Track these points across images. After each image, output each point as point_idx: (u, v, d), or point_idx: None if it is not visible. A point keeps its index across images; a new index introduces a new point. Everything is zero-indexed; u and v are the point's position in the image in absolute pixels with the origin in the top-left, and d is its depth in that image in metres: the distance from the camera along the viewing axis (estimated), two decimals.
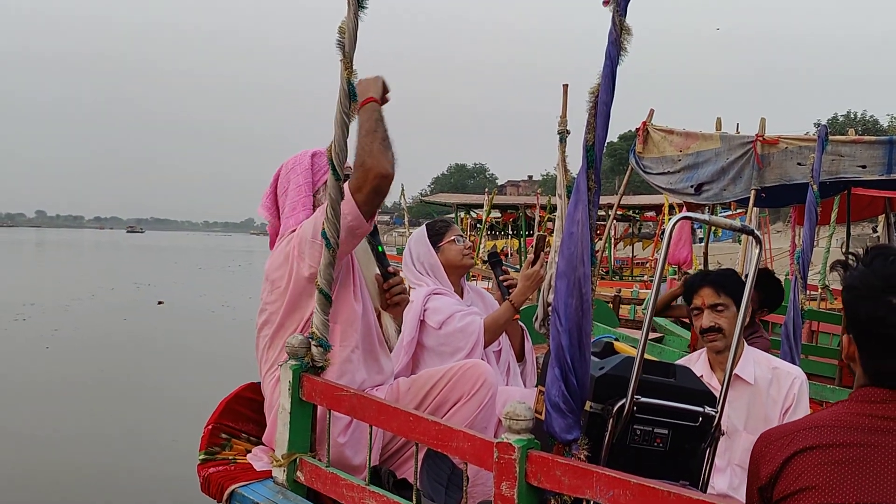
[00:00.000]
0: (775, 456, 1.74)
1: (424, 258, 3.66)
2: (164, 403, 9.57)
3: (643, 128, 7.35)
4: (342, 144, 2.43)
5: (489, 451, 1.85)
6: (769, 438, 1.81)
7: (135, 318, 17.67)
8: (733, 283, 3.16)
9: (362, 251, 2.92)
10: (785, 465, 1.71)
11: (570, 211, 1.99)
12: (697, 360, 3.32)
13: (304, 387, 2.48)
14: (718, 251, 25.76)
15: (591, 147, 1.97)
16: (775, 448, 1.76)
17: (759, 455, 1.80)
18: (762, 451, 1.80)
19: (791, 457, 1.71)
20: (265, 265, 2.87)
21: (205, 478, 2.72)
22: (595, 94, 1.96)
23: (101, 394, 10.20)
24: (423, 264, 3.65)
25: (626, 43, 1.92)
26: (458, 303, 3.57)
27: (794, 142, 6.48)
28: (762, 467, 1.77)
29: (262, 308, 2.87)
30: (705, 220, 2.27)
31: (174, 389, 10.31)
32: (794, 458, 1.70)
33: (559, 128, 4.36)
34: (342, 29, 2.34)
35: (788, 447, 1.73)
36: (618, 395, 2.06)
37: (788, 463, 1.71)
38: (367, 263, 2.96)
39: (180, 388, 10.35)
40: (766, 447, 1.79)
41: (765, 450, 1.79)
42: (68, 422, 8.69)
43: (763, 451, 1.79)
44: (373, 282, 2.99)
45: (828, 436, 1.69)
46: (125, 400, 9.83)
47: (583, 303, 1.94)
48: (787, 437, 1.75)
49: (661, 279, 2.15)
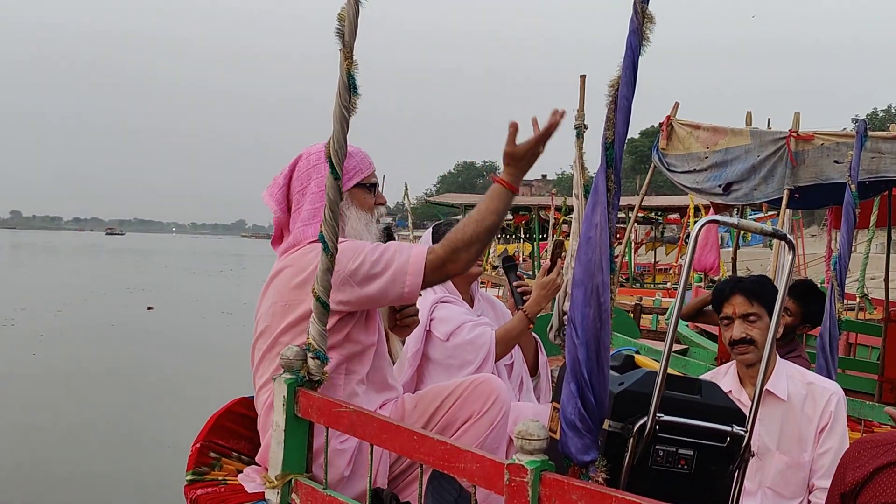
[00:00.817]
0: (866, 463, 1.74)
1: None
2: (159, 409, 9.97)
3: (667, 122, 7.31)
4: (341, 141, 2.42)
5: (499, 473, 1.85)
6: (864, 444, 1.81)
7: (133, 324, 18.44)
8: (768, 292, 3.14)
9: None
10: (874, 475, 1.71)
11: (588, 213, 1.99)
12: (725, 374, 3.31)
13: (299, 402, 2.47)
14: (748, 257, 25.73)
15: (611, 145, 1.97)
16: (868, 456, 1.75)
17: (850, 459, 1.80)
18: (854, 456, 1.80)
19: (883, 468, 1.70)
20: (275, 271, 2.84)
21: (192, 500, 2.71)
22: (615, 88, 1.96)
23: (93, 394, 10.98)
24: None
25: (648, 32, 1.92)
26: (467, 312, 3.57)
27: (830, 138, 6.44)
28: (849, 472, 1.77)
29: (259, 316, 2.86)
30: (734, 224, 2.26)
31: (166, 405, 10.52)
32: (885, 470, 1.70)
33: (576, 122, 4.37)
34: (342, 16, 2.34)
35: (882, 457, 1.72)
36: (639, 413, 2.06)
37: (879, 473, 1.71)
38: None
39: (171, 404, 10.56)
40: (859, 453, 1.79)
41: (857, 455, 1.79)
42: (63, 411, 9.48)
43: (854, 457, 1.79)
44: None
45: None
46: (125, 394, 10.73)
47: (601, 313, 1.94)
48: (883, 446, 1.75)
49: (685, 287, 2.14)
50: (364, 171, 2.91)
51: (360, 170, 2.90)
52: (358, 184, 2.89)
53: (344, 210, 2.82)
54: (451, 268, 2.68)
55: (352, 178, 2.86)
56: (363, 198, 2.91)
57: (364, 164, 2.92)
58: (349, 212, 2.86)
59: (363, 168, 2.91)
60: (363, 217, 2.89)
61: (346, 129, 2.42)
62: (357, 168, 2.88)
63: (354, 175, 2.88)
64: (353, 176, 2.87)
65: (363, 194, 2.91)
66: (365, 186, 2.92)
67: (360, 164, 2.90)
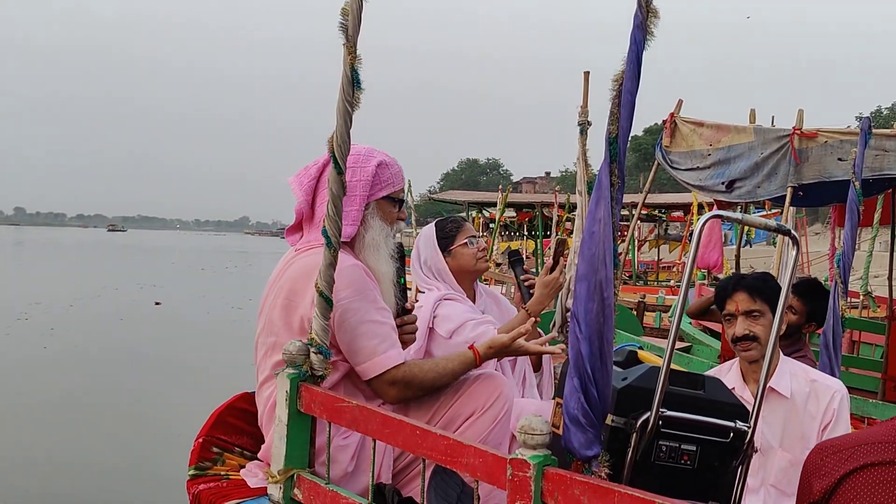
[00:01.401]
0: (832, 470, 1.72)
1: (432, 262, 3.63)
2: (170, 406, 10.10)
3: (670, 120, 7.31)
4: (344, 136, 2.42)
5: (502, 468, 1.85)
6: (826, 451, 1.78)
7: (150, 319, 19.08)
8: (771, 288, 3.14)
9: (389, 280, 2.89)
10: (842, 481, 1.69)
11: (592, 208, 1.99)
12: (729, 371, 3.31)
13: (302, 397, 2.47)
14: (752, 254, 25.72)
15: (615, 139, 1.96)
16: (832, 462, 1.73)
17: (814, 468, 1.78)
18: (817, 463, 1.78)
19: (850, 473, 1.68)
20: (284, 265, 2.85)
21: (195, 495, 2.72)
22: (619, 83, 1.95)
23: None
24: (431, 269, 3.62)
25: (652, 27, 1.92)
26: (470, 310, 3.56)
27: (834, 135, 6.44)
28: (815, 481, 1.75)
29: (264, 311, 2.86)
30: (737, 220, 2.25)
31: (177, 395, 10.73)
32: (853, 476, 1.68)
33: (579, 119, 4.36)
34: (345, 10, 2.34)
35: (847, 462, 1.70)
36: (642, 409, 2.05)
37: (846, 480, 1.69)
38: (387, 290, 2.90)
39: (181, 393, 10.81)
40: (822, 460, 1.77)
41: (820, 462, 1.77)
42: (68, 402, 9.82)
43: (818, 464, 1.77)
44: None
45: (892, 453, 1.67)
46: (134, 386, 11.08)
47: (604, 308, 1.93)
48: (846, 450, 1.73)
49: (688, 284, 2.13)
50: (396, 184, 2.94)
51: (392, 182, 2.92)
52: (387, 196, 2.91)
53: (368, 218, 2.86)
54: (390, 391, 2.73)
55: (384, 188, 2.89)
56: (388, 210, 2.93)
57: (397, 177, 2.95)
58: (373, 221, 2.88)
59: (395, 182, 2.94)
60: (384, 230, 2.90)
61: (349, 123, 2.41)
62: (390, 180, 2.91)
63: (386, 186, 2.90)
64: (385, 187, 2.90)
65: (389, 207, 2.93)
66: (393, 200, 2.93)
67: (394, 178, 2.93)
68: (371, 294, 2.75)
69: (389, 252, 2.89)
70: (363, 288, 2.72)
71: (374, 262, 2.84)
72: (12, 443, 8.20)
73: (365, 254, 2.85)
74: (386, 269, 2.87)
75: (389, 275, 2.88)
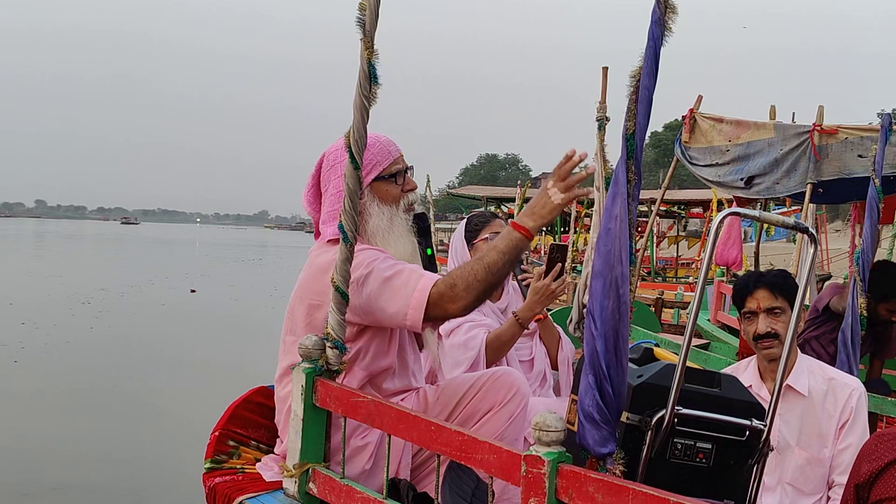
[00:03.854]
0: (882, 455, 1.73)
1: (459, 255, 3.62)
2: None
3: (690, 115, 7.28)
4: (361, 131, 2.41)
5: (516, 465, 1.84)
6: (882, 437, 1.80)
7: (182, 306, 20.74)
8: (790, 286, 3.13)
9: (409, 257, 2.76)
10: (888, 467, 1.70)
11: (608, 205, 1.98)
12: (746, 368, 3.29)
13: (317, 392, 2.47)
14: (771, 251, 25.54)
15: (632, 136, 1.95)
16: (884, 448, 1.74)
17: (867, 451, 1.79)
18: (871, 448, 1.79)
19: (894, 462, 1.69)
20: (305, 265, 2.82)
21: (210, 488, 2.73)
22: (636, 79, 1.94)
23: None
24: (459, 262, 3.59)
25: (670, 22, 1.91)
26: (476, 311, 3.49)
27: (854, 132, 6.38)
28: (864, 464, 1.76)
29: (288, 308, 2.85)
30: (755, 216, 2.23)
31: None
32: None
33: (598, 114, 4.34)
34: (363, 5, 2.33)
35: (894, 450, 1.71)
36: (657, 406, 2.05)
37: (892, 466, 1.69)
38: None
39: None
40: (876, 445, 1.78)
41: (874, 447, 1.78)
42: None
43: (872, 449, 1.78)
44: None
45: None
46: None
47: (620, 305, 1.93)
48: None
49: (706, 281, 2.12)
50: (383, 162, 2.77)
51: (377, 162, 2.76)
52: (378, 177, 2.77)
53: (366, 206, 2.74)
54: (449, 306, 2.51)
55: (370, 172, 2.74)
56: (385, 190, 2.78)
57: (382, 154, 2.78)
58: (371, 208, 2.75)
59: (381, 160, 2.77)
60: (386, 211, 2.77)
61: (366, 118, 2.40)
62: (374, 161, 2.75)
63: (373, 169, 2.75)
64: (372, 170, 2.75)
65: (385, 186, 2.78)
66: (386, 178, 2.78)
67: (378, 156, 2.76)
68: (384, 256, 2.65)
69: (402, 230, 2.78)
70: (374, 257, 2.62)
71: (385, 246, 2.73)
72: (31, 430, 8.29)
73: (374, 241, 2.74)
74: (401, 249, 2.75)
75: (408, 253, 2.76)
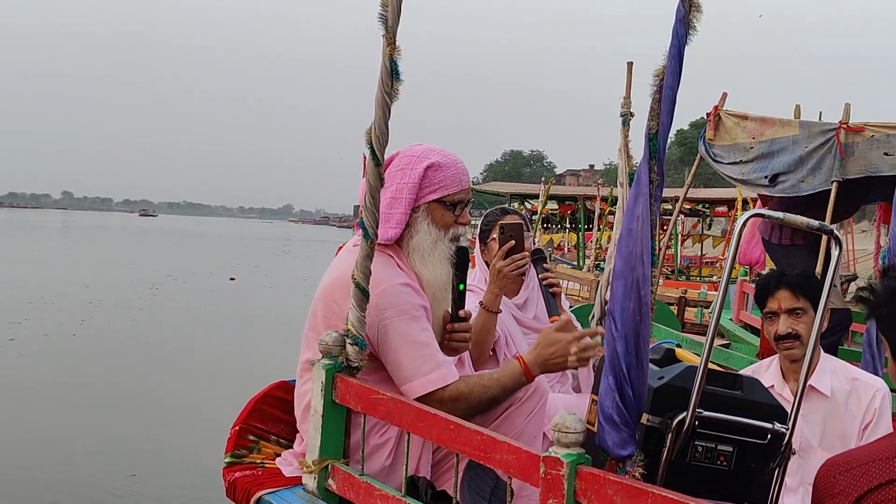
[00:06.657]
0: (847, 489, 1.66)
1: (477, 252, 3.62)
2: None
3: (714, 113, 7.22)
4: (383, 127, 2.40)
5: (535, 466, 1.83)
6: (836, 468, 1.73)
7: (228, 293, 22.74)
8: (813, 286, 3.09)
9: (440, 286, 2.75)
10: (859, 502, 1.64)
11: (630, 205, 1.96)
12: (768, 368, 3.26)
13: (337, 388, 2.47)
14: None
15: (654, 136, 1.93)
16: (845, 481, 1.68)
17: (826, 487, 1.72)
18: (829, 483, 1.72)
19: (868, 492, 1.63)
20: (336, 259, 2.79)
21: (230, 482, 2.74)
22: (660, 77, 1.92)
23: None
24: (476, 257, 3.61)
25: (695, 21, 1.88)
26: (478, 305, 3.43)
27: (881, 129, 6.30)
28: (829, 501, 1.70)
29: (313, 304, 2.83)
30: (779, 218, 2.20)
31: None
32: (871, 494, 1.63)
33: (622, 110, 4.31)
34: (385, 2, 2.32)
35: (863, 480, 1.65)
36: (678, 408, 2.03)
37: (864, 500, 1.64)
38: (442, 298, 2.81)
39: None
40: (834, 479, 1.71)
41: (833, 482, 1.70)
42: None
43: (830, 484, 1.71)
44: (439, 318, 2.84)
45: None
46: None
47: (641, 306, 1.91)
48: (860, 468, 1.67)
49: (729, 280, 2.10)
50: (449, 187, 2.73)
51: (443, 185, 2.72)
52: (439, 199, 2.73)
53: (416, 222, 2.72)
54: (440, 408, 2.46)
55: (434, 191, 2.71)
56: (441, 214, 2.74)
57: (451, 180, 2.74)
58: (421, 225, 2.72)
59: (448, 184, 2.73)
60: (433, 233, 2.73)
61: (388, 115, 2.39)
62: (441, 183, 2.72)
63: (437, 189, 2.71)
64: (436, 190, 2.71)
65: (441, 210, 2.74)
66: (445, 203, 2.74)
67: (446, 180, 2.72)
68: (417, 314, 2.62)
69: (441, 257, 2.74)
70: (408, 308, 2.60)
71: (421, 267, 2.72)
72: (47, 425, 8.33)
73: (411, 258, 2.73)
74: (435, 275, 2.73)
75: (440, 281, 2.74)
